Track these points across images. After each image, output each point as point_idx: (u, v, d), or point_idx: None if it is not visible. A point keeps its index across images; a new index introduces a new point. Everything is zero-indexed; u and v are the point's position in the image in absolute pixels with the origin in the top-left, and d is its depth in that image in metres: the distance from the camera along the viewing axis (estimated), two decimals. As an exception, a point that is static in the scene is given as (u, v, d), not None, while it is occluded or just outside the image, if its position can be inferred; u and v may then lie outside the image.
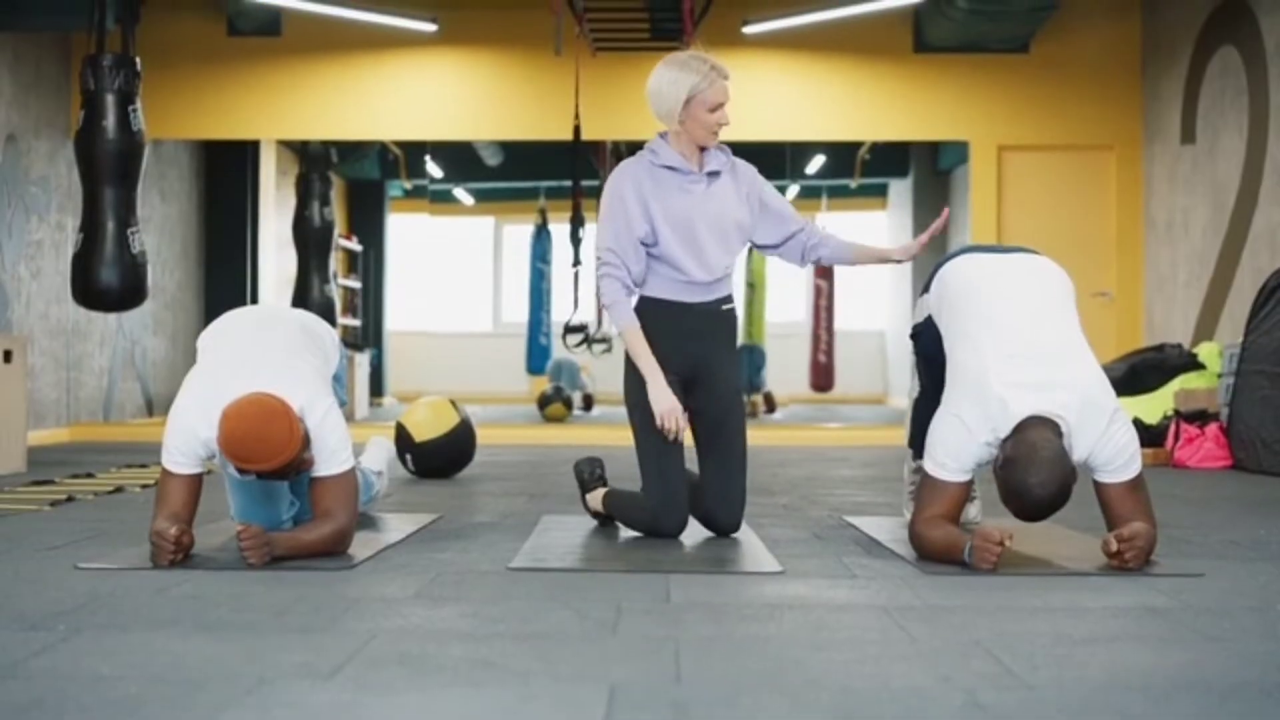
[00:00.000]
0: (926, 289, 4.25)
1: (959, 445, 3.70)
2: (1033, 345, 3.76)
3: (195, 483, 3.76)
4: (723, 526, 4.32)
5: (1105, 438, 3.65)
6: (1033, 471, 3.49)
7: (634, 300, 4.27)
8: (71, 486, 5.91)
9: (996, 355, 3.73)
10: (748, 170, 4.43)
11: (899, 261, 4.46)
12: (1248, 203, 8.73)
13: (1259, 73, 8.62)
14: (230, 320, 4.14)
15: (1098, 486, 3.76)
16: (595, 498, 4.57)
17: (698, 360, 4.30)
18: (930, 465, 3.78)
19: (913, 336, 4.39)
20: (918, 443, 4.42)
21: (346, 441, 3.81)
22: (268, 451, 3.54)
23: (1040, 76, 10.49)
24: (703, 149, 4.31)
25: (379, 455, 5.16)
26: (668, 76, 4.26)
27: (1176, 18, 9.91)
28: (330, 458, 3.76)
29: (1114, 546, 3.58)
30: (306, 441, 3.66)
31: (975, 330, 3.85)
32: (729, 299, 4.40)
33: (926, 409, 4.03)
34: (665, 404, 4.15)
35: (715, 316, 4.35)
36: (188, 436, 3.71)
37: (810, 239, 4.46)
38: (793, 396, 16.55)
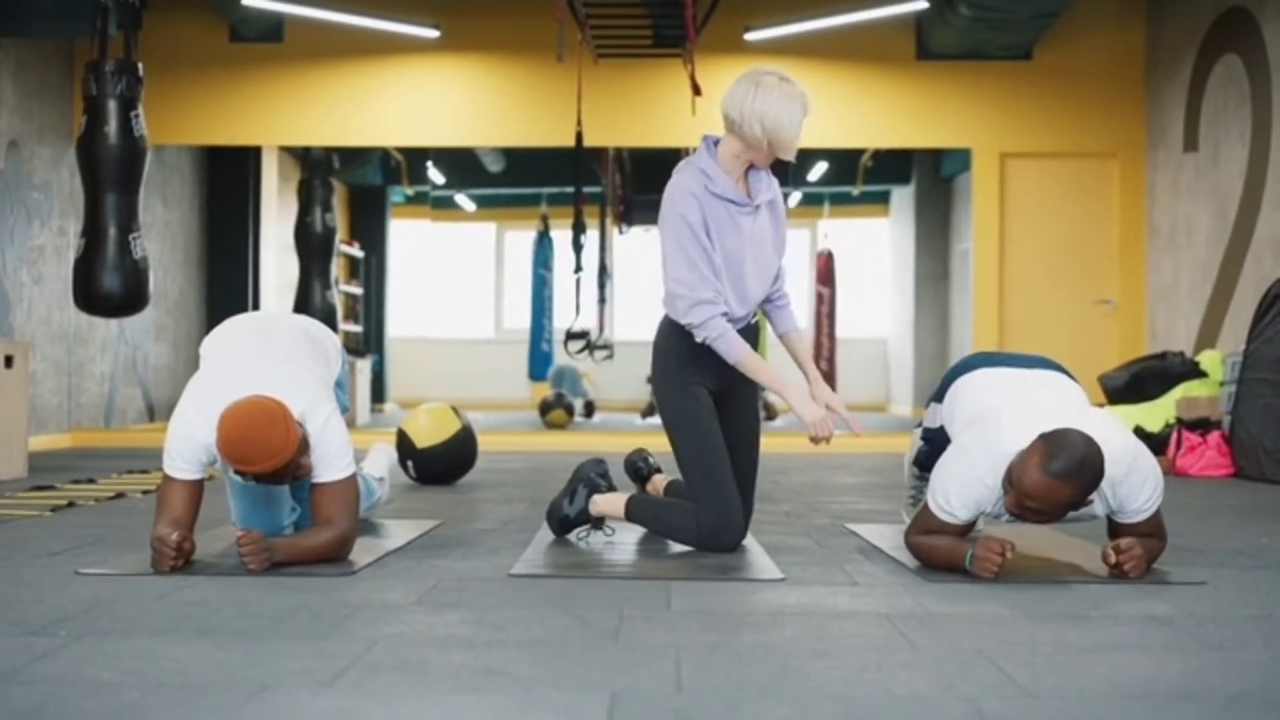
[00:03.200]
0: (939, 398, 4.19)
1: (964, 488, 3.64)
2: (1048, 411, 3.69)
3: (196, 488, 3.76)
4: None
5: (1130, 485, 3.59)
6: (1056, 445, 3.41)
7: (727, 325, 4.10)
8: (73, 492, 5.91)
9: (1011, 411, 3.70)
10: (775, 185, 4.24)
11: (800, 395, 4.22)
12: (1250, 210, 8.73)
13: (1262, 81, 8.62)
14: (232, 326, 4.14)
15: (1115, 524, 3.72)
16: (609, 502, 4.36)
17: (727, 378, 4.23)
18: (933, 503, 3.72)
19: (925, 440, 4.36)
20: (920, 462, 4.46)
21: (347, 448, 3.81)
22: (264, 453, 3.54)
23: (1043, 84, 10.49)
24: (748, 168, 4.15)
25: (381, 462, 5.16)
26: (785, 108, 3.98)
27: (1180, 26, 9.92)
28: (331, 464, 3.76)
29: (1113, 558, 3.58)
30: (305, 446, 3.66)
31: (994, 409, 3.78)
32: (753, 313, 4.32)
33: (930, 455, 4.04)
34: (815, 414, 4.11)
35: (744, 337, 4.23)
36: (189, 442, 3.71)
37: (778, 301, 4.36)
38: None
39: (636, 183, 15.59)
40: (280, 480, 3.69)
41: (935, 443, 4.23)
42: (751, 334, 4.28)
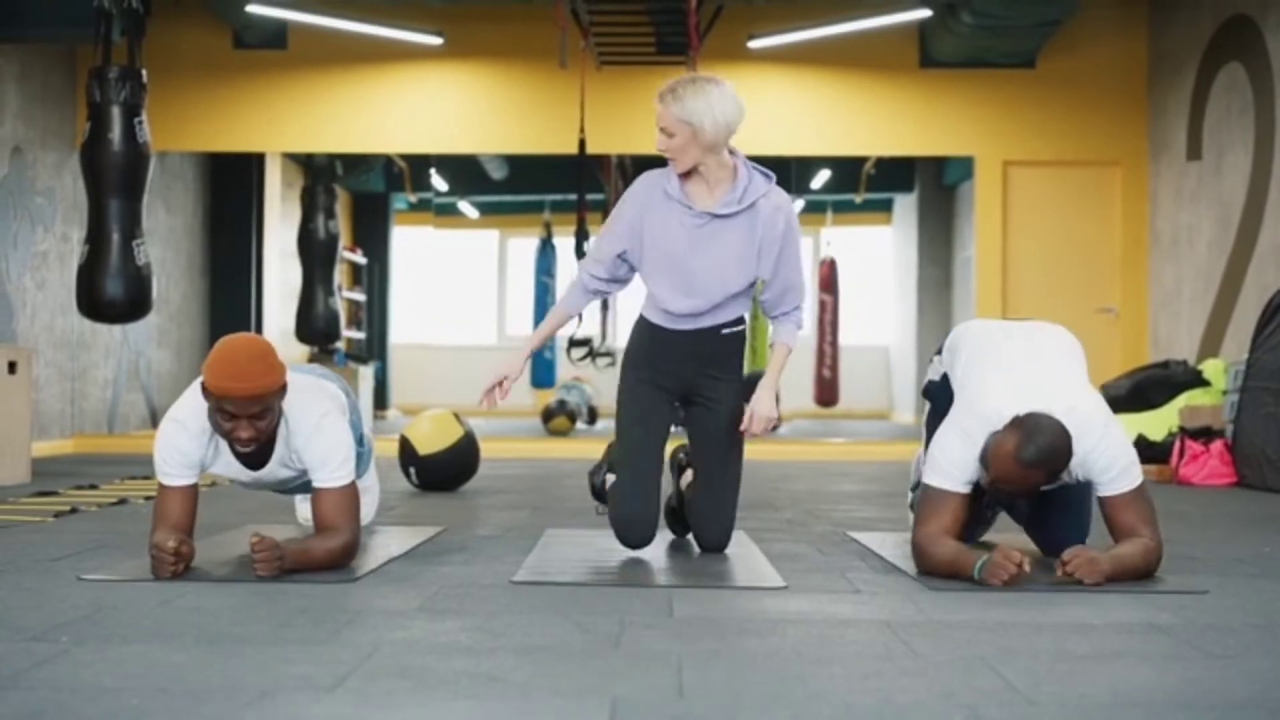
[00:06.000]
0: (940, 352, 4.31)
1: (960, 453, 3.73)
2: (1035, 376, 3.83)
3: (191, 494, 3.78)
4: (705, 544, 4.33)
5: (1098, 450, 3.69)
6: (1029, 432, 3.57)
7: (589, 300, 4.35)
8: (75, 498, 5.91)
9: (998, 378, 3.83)
10: (774, 219, 4.14)
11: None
12: (1253, 219, 8.73)
13: (1265, 89, 8.63)
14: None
15: (1099, 502, 3.78)
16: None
17: (690, 381, 4.27)
18: (930, 475, 3.78)
19: (926, 394, 4.41)
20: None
21: (350, 453, 3.81)
22: (239, 373, 3.57)
23: (1046, 92, 10.50)
24: (735, 180, 4.11)
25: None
26: (736, 99, 4.05)
27: (1183, 34, 9.92)
28: (337, 468, 3.77)
29: (1059, 571, 3.59)
30: (280, 410, 3.71)
31: (981, 367, 3.92)
32: (733, 323, 4.27)
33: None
34: (497, 370, 4.31)
35: (712, 340, 4.25)
36: (174, 447, 3.75)
37: (781, 316, 4.34)
38: (797, 411, 16.56)
39: (639, 190, 15.57)
40: (259, 426, 3.66)
41: (936, 399, 4.32)
42: (735, 341, 4.30)
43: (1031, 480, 3.62)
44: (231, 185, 12.62)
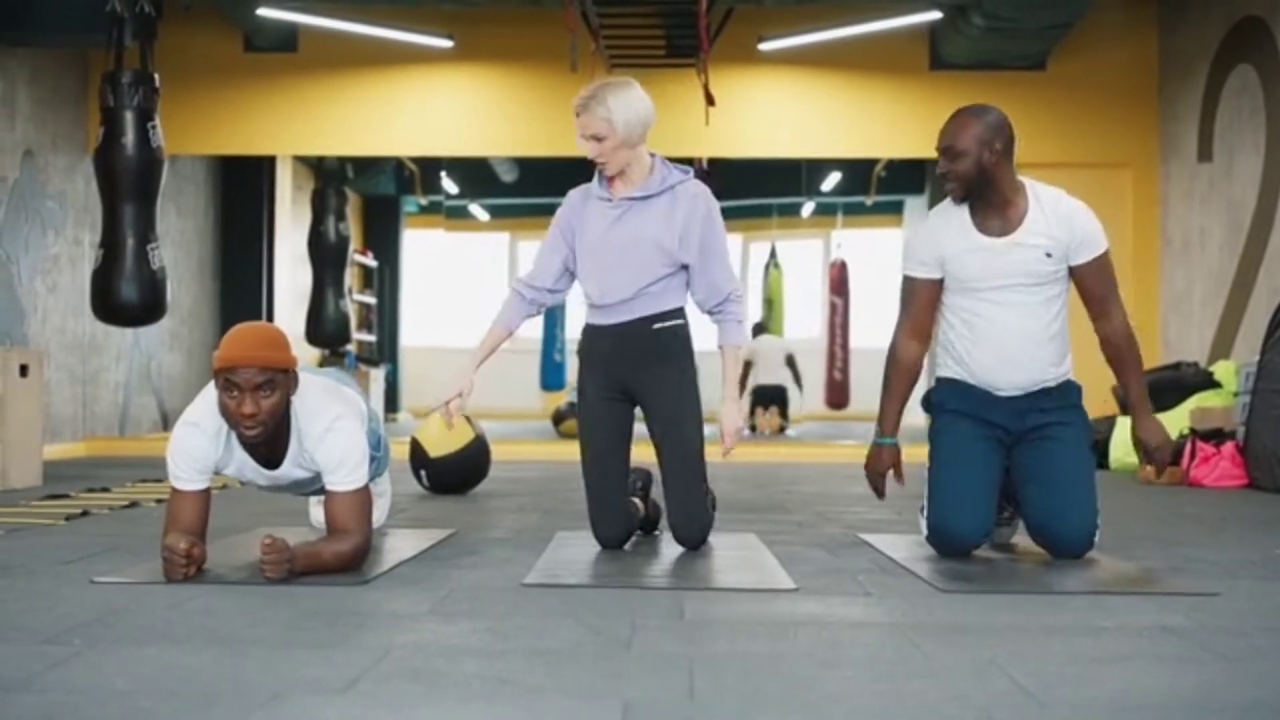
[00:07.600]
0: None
1: (924, 232, 4.30)
2: None
3: (204, 498, 3.79)
4: (680, 541, 4.38)
5: (1079, 211, 4.35)
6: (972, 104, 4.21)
7: (527, 311, 4.52)
8: (87, 501, 5.92)
9: None
10: (695, 204, 4.28)
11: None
12: (1264, 221, 8.71)
13: (1276, 91, 8.61)
14: None
15: (1072, 272, 4.34)
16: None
17: (629, 380, 4.34)
18: (904, 263, 4.40)
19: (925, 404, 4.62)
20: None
21: (364, 457, 3.82)
22: (247, 343, 3.63)
23: (1056, 94, 10.48)
24: (653, 172, 4.36)
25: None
26: (646, 97, 4.42)
27: (1193, 36, 9.91)
28: (350, 471, 3.77)
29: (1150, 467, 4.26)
30: (287, 397, 3.73)
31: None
32: (663, 316, 4.31)
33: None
34: (450, 386, 4.51)
35: (644, 336, 4.31)
36: (187, 452, 3.76)
37: (717, 314, 4.36)
38: (808, 414, 16.55)
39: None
40: (262, 402, 3.65)
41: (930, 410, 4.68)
42: (673, 338, 4.32)
43: (959, 127, 4.34)
44: (242, 188, 12.65)
